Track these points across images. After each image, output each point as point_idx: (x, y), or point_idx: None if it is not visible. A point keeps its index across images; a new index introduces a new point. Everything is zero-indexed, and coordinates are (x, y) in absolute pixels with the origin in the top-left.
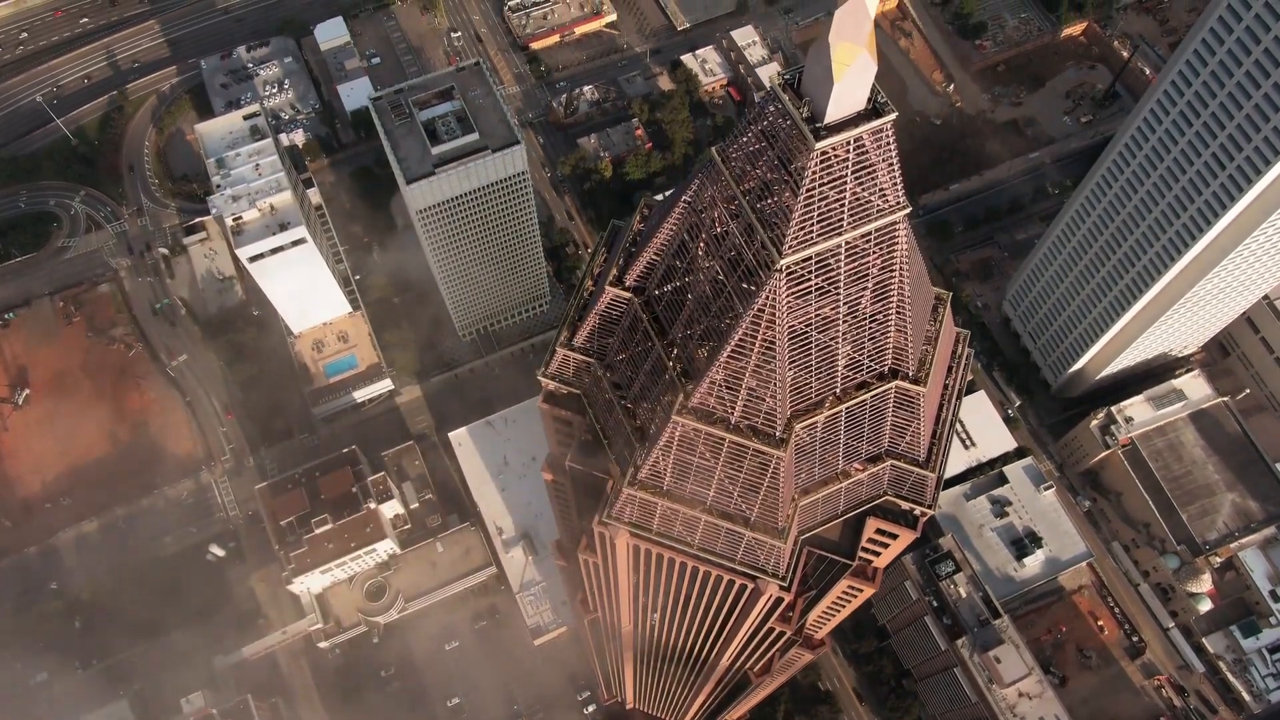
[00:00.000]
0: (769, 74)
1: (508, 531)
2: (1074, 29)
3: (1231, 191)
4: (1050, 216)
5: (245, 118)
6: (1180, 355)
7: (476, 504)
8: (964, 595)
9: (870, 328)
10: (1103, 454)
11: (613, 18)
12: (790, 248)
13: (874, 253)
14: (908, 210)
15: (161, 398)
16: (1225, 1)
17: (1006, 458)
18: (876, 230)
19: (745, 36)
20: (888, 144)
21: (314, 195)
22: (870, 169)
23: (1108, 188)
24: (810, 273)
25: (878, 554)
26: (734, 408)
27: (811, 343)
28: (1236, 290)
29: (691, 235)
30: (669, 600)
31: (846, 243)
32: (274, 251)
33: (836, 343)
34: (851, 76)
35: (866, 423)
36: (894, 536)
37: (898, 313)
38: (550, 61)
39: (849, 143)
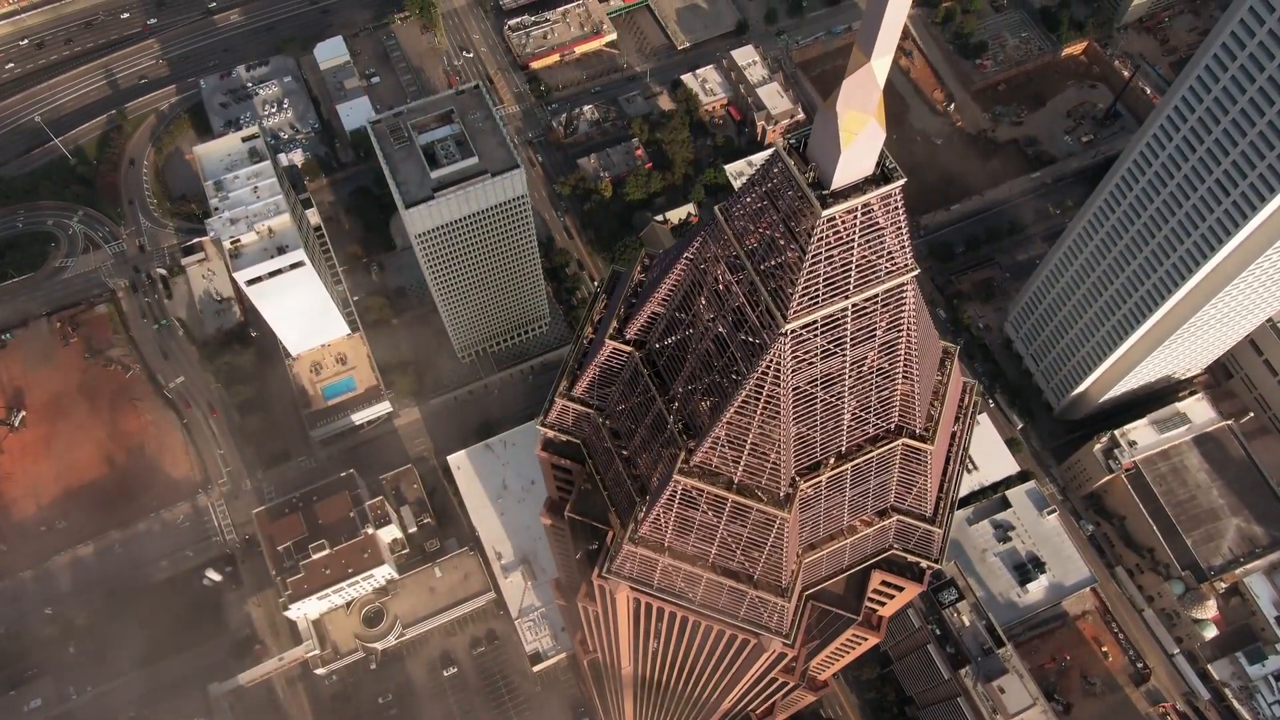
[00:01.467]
0: (769, 94)
1: (506, 556)
2: (1074, 48)
3: (1236, 218)
4: (1052, 237)
5: (244, 139)
6: (1183, 378)
7: (475, 528)
8: (967, 624)
9: (877, 385)
10: (1106, 478)
11: (613, 37)
12: (795, 312)
13: (881, 313)
14: (916, 272)
15: (158, 420)
16: (1229, 29)
17: (1009, 481)
18: (884, 292)
19: (745, 56)
20: (896, 208)
21: (313, 216)
22: (878, 233)
23: (1111, 211)
24: (816, 334)
25: (883, 604)
26: (737, 467)
27: (817, 401)
28: (1241, 314)
29: (694, 290)
30: (670, 649)
31: (853, 305)
32: (272, 275)
33: (843, 401)
34: (860, 144)
35: (872, 479)
36: (900, 588)
37: (905, 370)
38: (550, 81)
39: (856, 209)
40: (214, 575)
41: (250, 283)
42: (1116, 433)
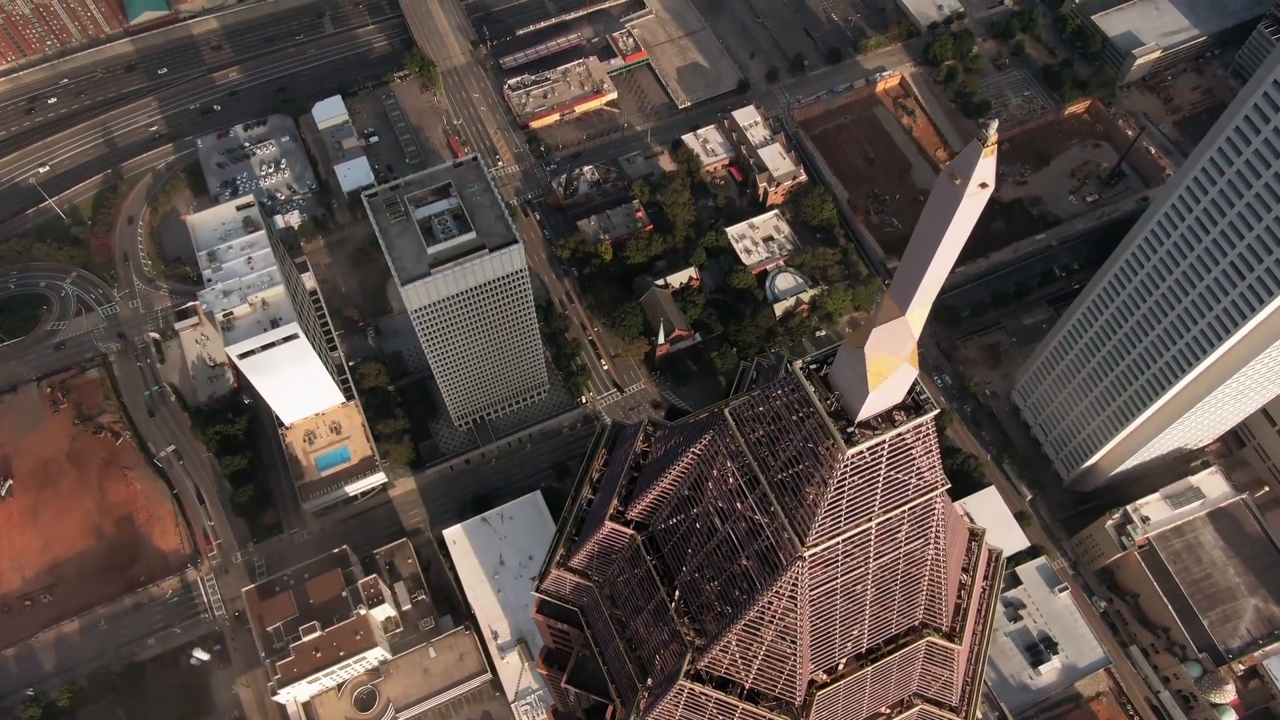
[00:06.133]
0: (771, 155)
1: (503, 635)
2: (1077, 107)
3: (1252, 302)
4: (1057, 300)
5: (238, 208)
6: (1195, 447)
7: (471, 605)
8: (979, 716)
9: (901, 587)
10: (1119, 554)
11: (613, 96)
12: (816, 538)
13: (908, 524)
14: (947, 487)
15: (148, 489)
16: (1242, 113)
17: (1019, 557)
18: (910, 509)
19: (747, 116)
20: (928, 435)
21: (308, 280)
22: (908, 457)
23: (1123, 286)
24: (837, 552)
25: None
26: (748, 674)
27: (836, 609)
28: (1259, 389)
29: (700, 485)
30: None
31: (878, 524)
32: (265, 348)
33: (864, 607)
34: (889, 385)
35: (895, 674)
36: None
37: (931, 572)
38: (550, 140)
39: (885, 441)
40: (202, 654)
41: (243, 356)
42: (1129, 508)
